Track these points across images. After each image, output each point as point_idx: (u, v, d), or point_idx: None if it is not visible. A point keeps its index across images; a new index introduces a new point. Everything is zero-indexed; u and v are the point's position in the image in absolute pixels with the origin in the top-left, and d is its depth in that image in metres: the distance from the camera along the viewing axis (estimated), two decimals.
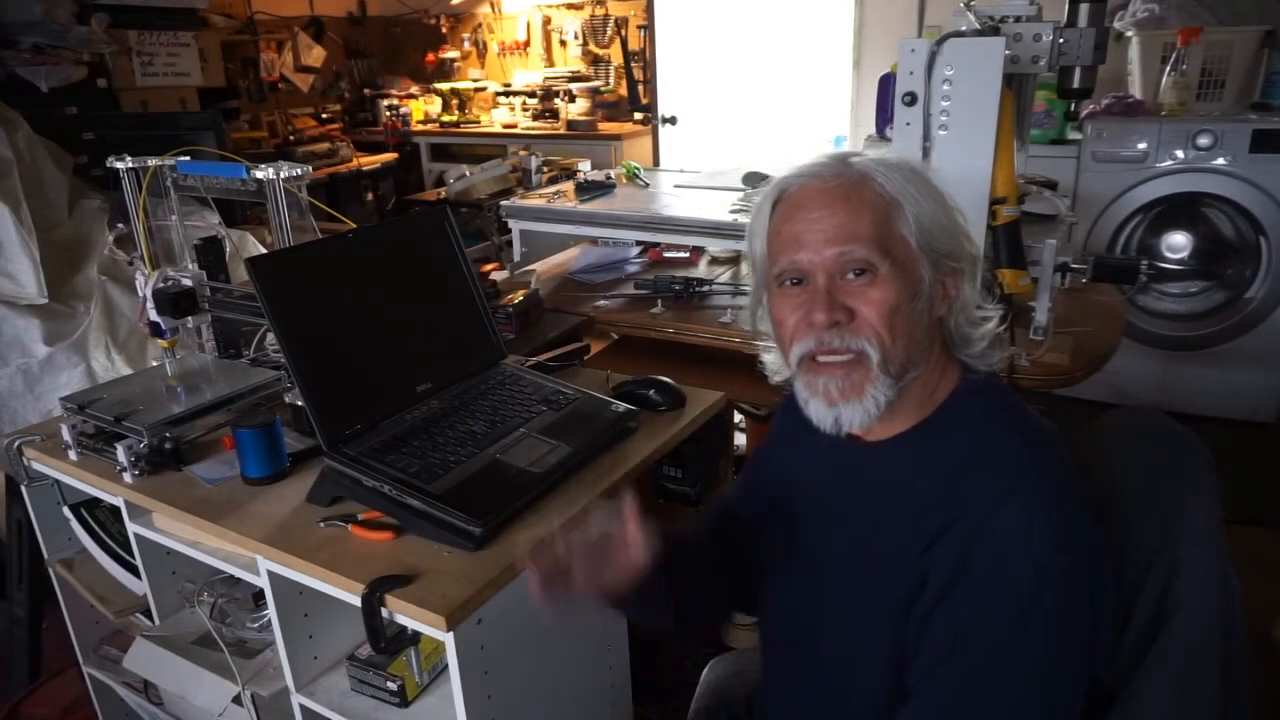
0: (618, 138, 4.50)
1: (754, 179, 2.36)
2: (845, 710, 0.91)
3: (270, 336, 1.47)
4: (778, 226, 0.86)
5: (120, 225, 2.39)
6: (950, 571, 0.78)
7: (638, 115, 4.58)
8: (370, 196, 4.92)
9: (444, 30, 5.46)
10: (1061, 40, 1.48)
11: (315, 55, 5.07)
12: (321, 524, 1.11)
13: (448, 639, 0.96)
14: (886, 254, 0.81)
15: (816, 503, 0.95)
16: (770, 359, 0.98)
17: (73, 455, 1.34)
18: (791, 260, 0.84)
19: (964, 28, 1.48)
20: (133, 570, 1.37)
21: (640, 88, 4.64)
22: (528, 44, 5.24)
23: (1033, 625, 0.75)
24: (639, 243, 2.36)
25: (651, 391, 1.40)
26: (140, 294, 1.43)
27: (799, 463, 0.98)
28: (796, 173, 0.87)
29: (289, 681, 1.16)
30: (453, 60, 5.47)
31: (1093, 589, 0.77)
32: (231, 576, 1.24)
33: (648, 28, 4.38)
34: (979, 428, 0.85)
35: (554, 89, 4.91)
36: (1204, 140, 2.72)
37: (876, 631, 0.85)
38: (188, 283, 1.44)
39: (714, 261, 2.32)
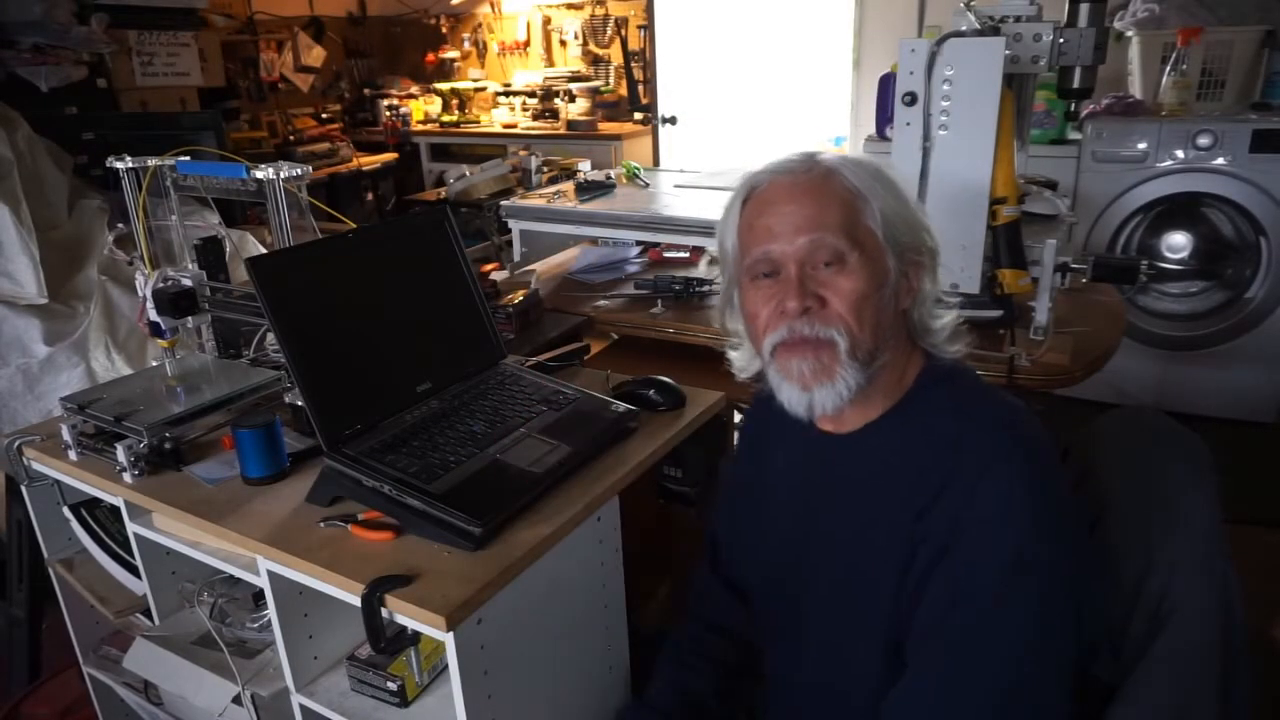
0: (618, 138, 4.50)
1: None
2: (847, 701, 0.92)
3: (270, 336, 1.47)
4: (749, 221, 0.89)
5: (120, 225, 2.39)
6: (936, 548, 0.81)
7: (638, 115, 4.58)
8: (370, 196, 4.92)
9: (444, 30, 5.47)
10: (1061, 40, 1.48)
11: (315, 55, 5.07)
12: (321, 524, 1.11)
13: (448, 639, 0.96)
14: (855, 244, 0.84)
15: (800, 496, 0.96)
16: (737, 355, 1.00)
17: (73, 455, 1.34)
18: (764, 250, 0.86)
19: (964, 28, 1.48)
20: (133, 570, 1.37)
21: (640, 88, 4.64)
22: (528, 44, 5.24)
23: (1014, 599, 0.77)
24: (639, 243, 2.36)
25: (651, 391, 1.40)
26: (140, 294, 1.43)
27: (775, 464, 0.99)
28: (766, 169, 0.90)
29: (289, 681, 1.16)
30: (453, 60, 5.47)
31: (1075, 565, 0.80)
32: (231, 576, 1.24)
33: (648, 28, 4.38)
34: (957, 407, 0.88)
35: (554, 89, 4.91)
36: (1204, 140, 2.72)
37: (871, 614, 0.87)
38: (188, 283, 1.44)
39: (714, 261, 2.31)
